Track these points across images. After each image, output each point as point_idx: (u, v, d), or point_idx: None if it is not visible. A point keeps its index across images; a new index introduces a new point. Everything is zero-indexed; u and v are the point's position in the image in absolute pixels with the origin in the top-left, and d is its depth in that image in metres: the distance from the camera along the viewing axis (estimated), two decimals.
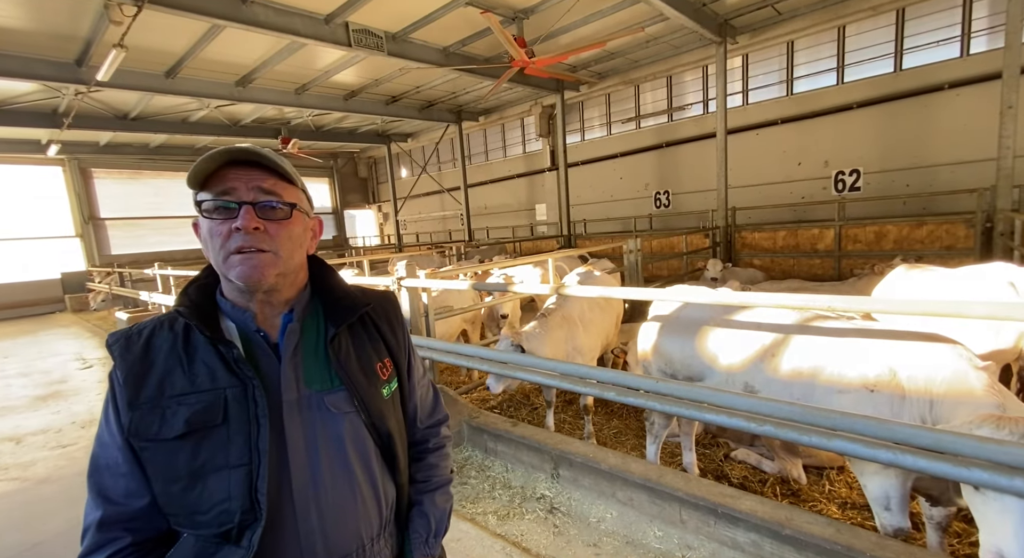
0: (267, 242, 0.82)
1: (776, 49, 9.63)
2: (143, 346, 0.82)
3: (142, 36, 7.06)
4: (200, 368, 0.81)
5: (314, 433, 0.85)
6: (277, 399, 0.83)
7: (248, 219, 0.80)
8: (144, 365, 0.81)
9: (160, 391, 0.80)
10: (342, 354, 0.90)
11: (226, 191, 0.81)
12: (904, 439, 1.47)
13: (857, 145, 8.93)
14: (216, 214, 0.81)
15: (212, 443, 0.78)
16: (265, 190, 0.82)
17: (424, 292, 3.77)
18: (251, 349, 0.85)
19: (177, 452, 0.78)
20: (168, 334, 0.84)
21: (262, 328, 0.87)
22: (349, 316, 0.92)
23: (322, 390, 0.87)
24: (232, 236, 0.80)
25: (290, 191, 0.87)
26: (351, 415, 0.88)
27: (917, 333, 2.06)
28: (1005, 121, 6.19)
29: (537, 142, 14.00)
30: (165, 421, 0.78)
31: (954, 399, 1.74)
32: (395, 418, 0.96)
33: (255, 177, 0.82)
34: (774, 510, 1.96)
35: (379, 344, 0.97)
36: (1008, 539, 1.36)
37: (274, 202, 0.83)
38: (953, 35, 7.88)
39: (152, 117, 12.02)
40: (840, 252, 8.13)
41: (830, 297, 2.00)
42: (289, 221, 0.85)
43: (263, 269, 0.81)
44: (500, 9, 7.53)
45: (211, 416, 0.78)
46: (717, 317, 2.67)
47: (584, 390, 2.52)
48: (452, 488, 1.13)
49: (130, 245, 15.74)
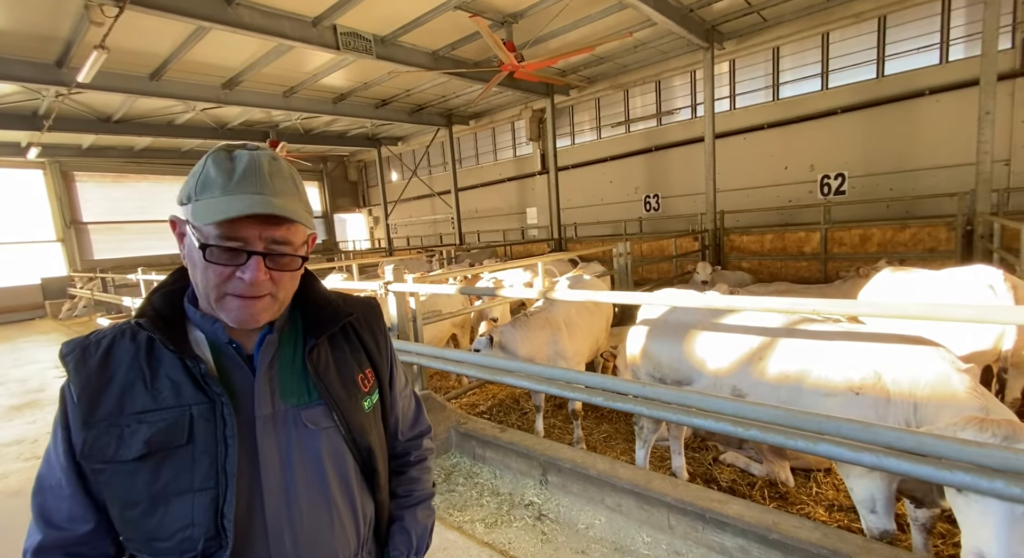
0: (268, 287, 0.76)
1: (762, 55, 9.76)
2: (101, 358, 0.76)
3: (125, 37, 6.95)
4: (164, 383, 0.75)
5: (290, 450, 0.80)
6: (250, 415, 0.78)
7: (258, 273, 0.74)
8: (102, 379, 0.75)
9: (119, 408, 0.73)
10: (321, 366, 0.85)
11: (237, 237, 0.73)
12: (888, 442, 1.47)
13: (842, 149, 9.07)
14: (220, 255, 0.73)
15: (175, 465, 0.73)
16: (277, 240, 0.76)
17: (412, 297, 3.73)
18: (222, 362, 0.79)
19: (136, 475, 0.72)
20: (130, 345, 0.77)
21: (235, 339, 0.80)
22: (329, 326, 0.87)
23: (299, 405, 0.82)
24: (232, 280, 0.74)
25: (300, 232, 0.80)
26: (329, 430, 0.83)
27: (901, 336, 2.08)
28: (983, 127, 6.33)
29: (528, 146, 14.03)
30: (123, 441, 0.72)
31: (938, 402, 1.75)
32: (376, 432, 0.91)
33: (271, 223, 0.75)
34: (761, 515, 1.95)
35: (360, 354, 0.92)
36: (989, 541, 1.36)
37: (286, 252, 0.77)
38: (932, 43, 8.05)
39: (136, 119, 11.83)
40: (826, 255, 8.23)
41: (815, 300, 2.01)
42: (297, 270, 0.80)
43: (259, 315, 0.77)
44: (489, 13, 7.54)
45: (174, 436, 0.73)
46: (704, 321, 2.67)
47: (571, 395, 2.50)
48: (439, 496, 1.10)
49: (113, 250, 15.45)
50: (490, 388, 4.90)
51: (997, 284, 2.61)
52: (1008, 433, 1.42)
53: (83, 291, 11.74)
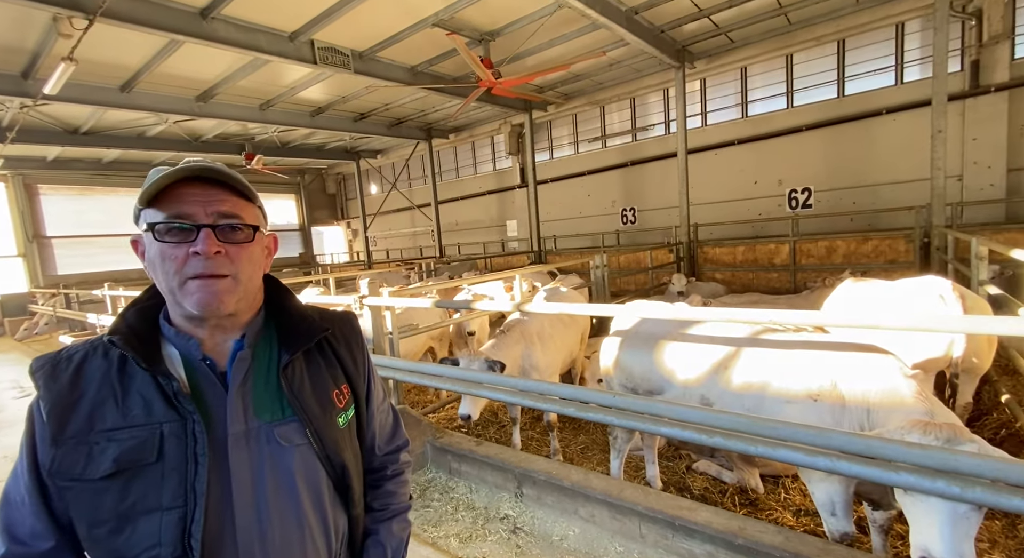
0: (227, 266, 0.77)
1: (731, 74, 10.16)
2: (72, 374, 0.76)
3: (95, 49, 6.84)
4: (135, 401, 0.75)
5: (262, 468, 0.80)
6: (222, 433, 0.78)
7: (209, 244, 0.75)
8: (72, 396, 0.74)
9: (89, 425, 0.73)
10: (295, 382, 0.85)
11: (182, 213, 0.75)
12: (840, 446, 1.54)
13: (808, 165, 9.45)
14: (170, 237, 0.75)
15: (143, 483, 0.72)
16: (225, 213, 0.78)
17: (387, 311, 3.72)
18: (195, 379, 0.79)
19: (104, 493, 0.72)
20: (102, 361, 0.77)
21: (209, 356, 0.81)
22: (305, 342, 0.88)
23: (272, 421, 0.82)
24: (189, 261, 0.75)
25: (250, 210, 0.83)
26: (303, 447, 0.83)
27: (855, 345, 2.18)
28: (936, 145, 6.70)
29: (507, 159, 14.19)
30: (92, 459, 0.72)
31: (888, 407, 1.84)
32: (351, 448, 0.91)
33: (214, 197, 0.77)
34: (728, 521, 2.00)
35: (336, 370, 0.92)
36: (933, 538, 1.43)
37: (236, 224, 0.79)
38: (888, 65, 8.53)
39: (105, 132, 11.55)
40: (795, 266, 8.51)
41: (773, 311, 2.10)
42: (251, 243, 0.81)
43: (222, 296, 0.77)
44: (466, 31, 7.68)
45: (144, 453, 0.73)
46: (674, 332, 2.75)
47: (545, 407, 2.52)
48: (414, 512, 1.10)
49: (78, 265, 14.90)
50: None
51: (946, 294, 2.77)
52: (949, 436, 1.51)
53: (45, 308, 11.27)
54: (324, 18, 6.80)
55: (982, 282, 3.70)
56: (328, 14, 6.70)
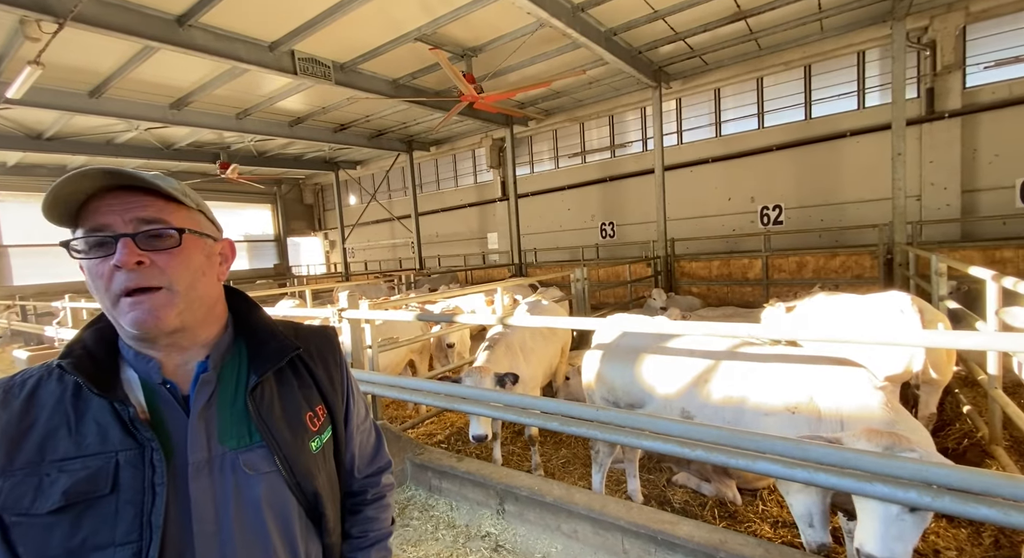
0: (157, 277, 0.71)
1: (705, 95, 10.53)
2: (24, 401, 0.71)
3: (63, 53, 6.64)
4: (90, 428, 0.70)
5: (226, 498, 0.75)
6: (184, 461, 0.73)
7: (126, 253, 0.69)
8: (23, 424, 0.70)
9: (40, 455, 0.68)
10: (264, 406, 0.79)
11: (99, 225, 0.70)
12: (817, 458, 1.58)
13: (778, 183, 9.82)
14: (92, 252, 0.70)
15: (95, 517, 0.68)
16: (146, 219, 0.71)
17: (367, 324, 3.66)
18: (156, 404, 0.75)
19: (52, 528, 0.66)
20: (56, 386, 0.73)
21: (170, 379, 0.76)
22: (275, 362, 0.83)
23: (238, 448, 0.77)
24: (115, 276, 0.70)
25: (180, 214, 0.76)
26: (271, 475, 0.78)
27: (829, 358, 2.26)
28: (896, 166, 7.06)
29: (488, 173, 14.29)
30: (41, 492, 0.67)
31: (858, 417, 1.91)
32: (325, 474, 0.86)
33: (133, 204, 0.71)
34: (710, 534, 2.01)
35: (311, 391, 0.87)
36: (868, 535, 1.54)
37: (158, 229, 0.72)
38: (851, 90, 8.99)
39: (71, 138, 11.15)
40: (768, 280, 8.77)
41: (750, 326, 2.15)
42: (180, 248, 0.74)
43: (158, 312, 0.71)
44: (449, 46, 7.77)
45: (96, 485, 0.68)
46: (654, 345, 2.79)
47: (529, 421, 2.51)
48: (394, 531, 1.05)
49: (36, 275, 14.22)
50: (448, 416, 4.81)
51: (906, 308, 2.90)
52: (889, 443, 1.58)
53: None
54: (306, 29, 6.77)
55: (942, 297, 3.88)
56: (310, 25, 6.68)
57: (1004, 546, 2.37)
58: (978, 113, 7.81)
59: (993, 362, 2.85)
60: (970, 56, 7.85)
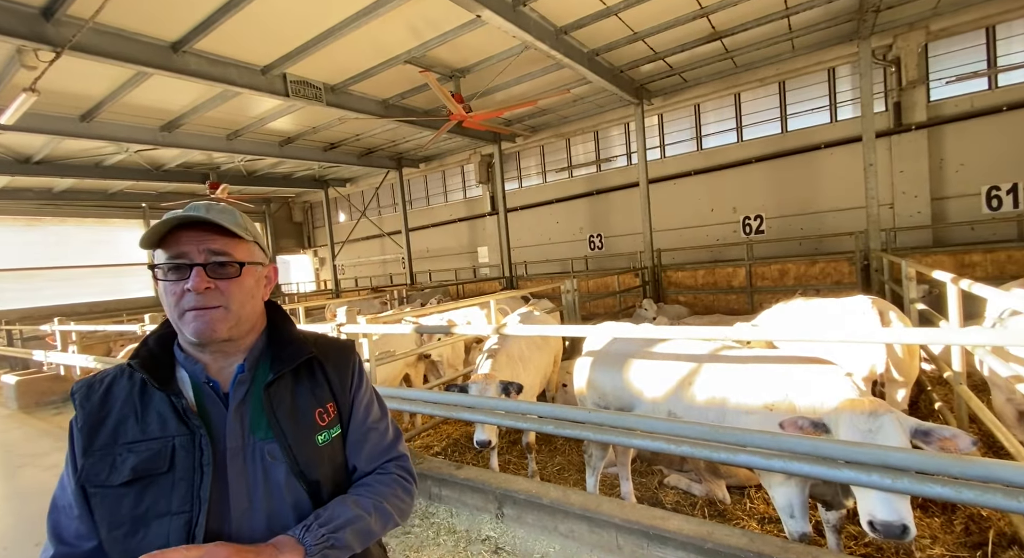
0: (218, 298, 0.87)
1: (686, 110, 10.92)
2: (102, 394, 0.88)
3: (57, 79, 6.72)
4: (153, 417, 0.86)
5: (256, 480, 0.88)
6: (223, 447, 0.87)
7: (198, 280, 0.85)
8: (102, 413, 0.87)
9: (114, 438, 0.85)
10: (275, 402, 0.92)
11: (179, 254, 0.87)
12: (790, 448, 1.72)
13: (758, 194, 10.16)
14: (170, 275, 0.87)
15: (156, 490, 0.82)
16: (215, 251, 0.88)
17: (365, 338, 3.77)
18: (202, 399, 0.90)
19: (122, 498, 0.82)
20: (127, 383, 0.90)
21: (214, 378, 0.92)
22: (289, 363, 0.96)
23: (264, 439, 0.90)
24: (185, 296, 0.86)
25: (241, 248, 0.92)
26: (285, 464, 0.91)
27: (803, 357, 2.43)
28: (868, 177, 7.39)
29: (477, 188, 14.51)
30: (115, 468, 0.83)
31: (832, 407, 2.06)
32: (329, 464, 0.96)
33: (206, 239, 0.88)
34: (698, 527, 2.14)
35: (323, 390, 0.99)
36: (872, 506, 1.66)
37: (224, 260, 0.89)
38: (823, 105, 9.41)
39: (59, 161, 11.13)
40: (752, 288, 9.02)
41: (727, 328, 2.31)
42: (239, 278, 0.91)
43: (215, 325, 0.87)
44: (438, 68, 8.01)
45: (157, 464, 0.83)
46: (641, 350, 2.94)
47: (526, 426, 2.63)
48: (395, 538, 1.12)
49: (22, 299, 14.03)
50: (444, 428, 4.89)
51: (867, 310, 3.12)
52: (872, 408, 1.76)
53: None
54: (297, 54, 6.96)
55: (912, 300, 4.10)
56: (302, 50, 6.88)
57: (974, 532, 2.53)
58: (943, 125, 8.23)
59: (957, 360, 3.04)
60: (933, 71, 8.30)
